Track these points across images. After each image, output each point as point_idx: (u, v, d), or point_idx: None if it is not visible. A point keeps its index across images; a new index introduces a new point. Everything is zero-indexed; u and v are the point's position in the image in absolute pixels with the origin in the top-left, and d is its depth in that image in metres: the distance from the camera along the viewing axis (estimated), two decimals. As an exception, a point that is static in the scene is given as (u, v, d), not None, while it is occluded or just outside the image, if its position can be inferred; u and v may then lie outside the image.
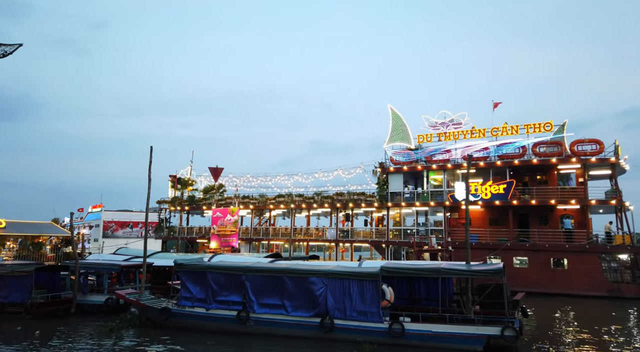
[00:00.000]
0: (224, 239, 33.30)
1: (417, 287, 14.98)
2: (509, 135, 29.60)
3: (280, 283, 13.12)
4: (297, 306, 12.85)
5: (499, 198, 28.48)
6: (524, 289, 18.70)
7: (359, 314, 12.23)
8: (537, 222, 28.68)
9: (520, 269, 26.66)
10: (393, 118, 34.46)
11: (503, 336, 11.20)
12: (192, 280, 14.20)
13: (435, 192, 31.60)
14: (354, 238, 33.96)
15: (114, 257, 21.45)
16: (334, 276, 12.66)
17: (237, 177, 41.59)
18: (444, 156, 31.58)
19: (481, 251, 26.37)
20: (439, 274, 12.54)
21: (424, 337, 11.70)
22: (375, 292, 12.21)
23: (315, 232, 35.97)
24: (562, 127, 29.19)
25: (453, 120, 32.10)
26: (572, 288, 24.93)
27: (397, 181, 32.83)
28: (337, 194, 35.23)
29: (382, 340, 11.82)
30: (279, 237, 36.61)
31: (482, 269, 12.46)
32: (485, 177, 29.98)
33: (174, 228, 42.18)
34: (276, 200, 37.34)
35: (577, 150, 27.47)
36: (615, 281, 24.87)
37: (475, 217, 30.02)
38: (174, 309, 14.04)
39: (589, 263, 25.27)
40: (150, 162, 18.05)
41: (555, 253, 26.28)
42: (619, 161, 26.82)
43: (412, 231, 31.68)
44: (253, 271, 13.62)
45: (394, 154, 33.41)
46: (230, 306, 13.51)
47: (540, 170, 29.30)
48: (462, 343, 11.48)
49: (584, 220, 27.41)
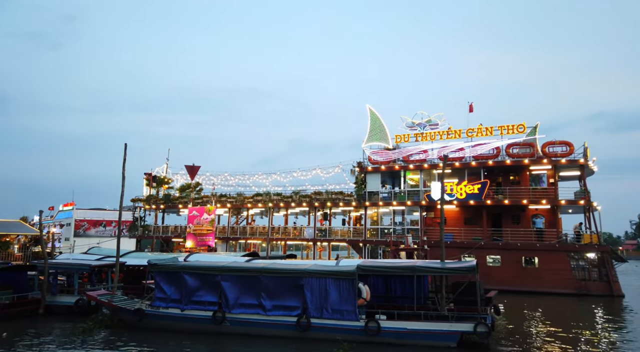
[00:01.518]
0: (200, 238, 32.87)
1: (393, 285, 15.12)
2: (483, 136, 30.23)
3: (256, 283, 13.04)
4: (274, 306, 12.79)
5: (473, 198, 29.06)
6: (496, 287, 19.18)
7: (336, 312, 12.27)
8: (510, 222, 29.39)
9: (493, 268, 27.26)
10: (371, 118, 34.71)
11: (476, 332, 11.44)
12: (167, 280, 13.96)
13: (412, 191, 32.00)
14: (332, 237, 34.07)
15: (86, 257, 20.87)
16: (311, 275, 12.66)
17: (215, 176, 41.12)
18: (421, 156, 32.03)
19: (456, 250, 26.84)
20: (414, 272, 12.69)
21: (399, 334, 11.83)
22: (352, 290, 12.27)
23: (293, 231, 35.90)
24: (534, 129, 30.01)
25: (430, 121, 32.58)
26: (542, 286, 25.65)
27: (375, 181, 33.10)
28: (315, 193, 35.26)
29: (358, 338, 11.89)
30: (257, 236, 36.39)
31: (456, 267, 12.68)
32: (460, 177, 30.55)
33: (149, 227, 41.39)
34: (254, 199, 37.10)
35: (548, 152, 28.28)
36: (583, 279, 25.73)
37: (450, 216, 30.54)
38: (147, 310, 13.76)
39: (559, 262, 26.07)
40: (124, 159, 17.63)
41: (527, 252, 26.99)
42: (588, 163, 27.74)
43: (389, 230, 32.00)
44: (229, 270, 13.48)
45: (372, 153, 33.66)
46: (206, 306, 13.34)
47: (513, 171, 30.03)
48: (436, 340, 11.67)
49: (554, 220, 28.25)
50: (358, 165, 33.89)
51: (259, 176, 39.45)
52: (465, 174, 30.30)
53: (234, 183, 40.58)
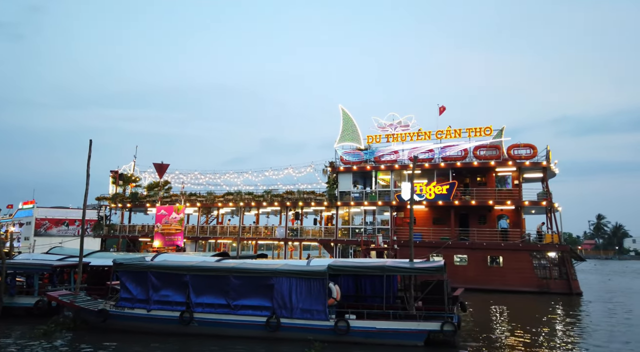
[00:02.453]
0: (168, 238, 32.17)
1: (364, 285, 15.26)
2: (452, 138, 30.95)
3: (225, 282, 12.88)
4: (243, 306, 12.67)
5: (442, 198, 29.70)
6: (463, 285, 19.66)
7: (306, 312, 12.27)
8: (477, 222, 30.22)
9: (460, 267, 27.95)
10: (344, 118, 34.91)
11: (442, 330, 11.68)
12: (133, 280, 13.59)
13: (383, 192, 32.40)
14: (303, 237, 34.06)
15: (47, 257, 20.04)
16: (281, 275, 12.61)
17: (184, 174, 40.37)
18: (392, 157, 32.47)
19: (425, 249, 27.37)
20: (383, 271, 12.84)
21: (368, 333, 11.95)
22: (322, 290, 12.31)
23: (264, 231, 35.68)
24: (500, 132, 30.98)
25: (401, 123, 33.07)
26: (506, 284, 26.50)
27: (347, 181, 33.31)
28: (287, 192, 35.16)
29: (328, 338, 11.93)
30: (227, 235, 35.95)
31: (424, 266, 12.91)
32: (429, 178, 31.16)
33: (115, 226, 40.21)
34: (225, 198, 36.64)
35: (513, 154, 29.23)
36: (544, 277, 26.74)
37: (419, 216, 31.12)
38: (112, 310, 13.36)
39: (522, 261, 26.99)
40: (89, 156, 17.04)
41: (492, 251, 27.82)
42: (550, 165, 28.85)
43: (360, 230, 32.28)
44: (197, 270, 13.26)
45: (344, 153, 33.87)
46: (173, 306, 13.07)
47: (480, 173, 30.89)
48: (404, 338, 11.85)
49: (518, 220, 29.23)
50: (330, 165, 34.03)
51: (230, 174, 39.01)
52: (435, 175, 30.94)
53: (204, 182, 40.01)
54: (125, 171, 41.51)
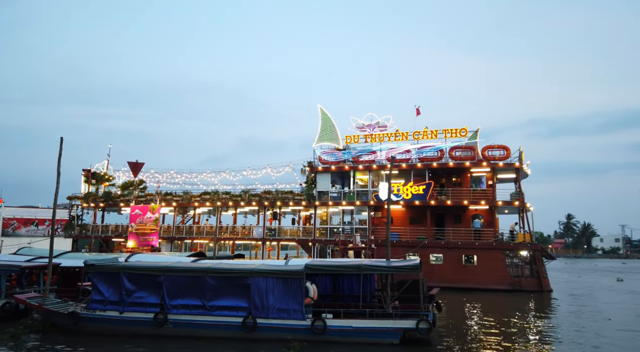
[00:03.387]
0: (143, 238, 31.56)
1: (341, 284, 15.33)
2: (429, 139, 31.42)
3: (201, 283, 12.72)
4: (219, 306, 12.54)
5: (418, 198, 30.11)
6: (439, 284, 19.94)
7: (282, 312, 12.24)
8: (452, 222, 30.77)
9: (435, 266, 28.39)
10: (322, 118, 34.98)
11: (418, 328, 11.84)
12: (105, 281, 13.26)
13: (361, 191, 32.61)
14: (281, 237, 33.95)
15: (14, 258, 19.31)
16: (258, 275, 12.54)
17: (160, 173, 39.65)
18: (370, 157, 32.72)
19: (401, 249, 27.68)
20: (360, 270, 12.91)
21: (344, 332, 12.01)
22: (299, 290, 12.30)
23: (242, 231, 35.40)
24: (475, 133, 31.64)
25: (379, 123, 33.38)
26: (480, 283, 27.07)
27: (325, 180, 33.38)
28: (265, 192, 34.98)
29: (304, 337, 11.93)
30: (204, 236, 35.50)
31: (401, 265, 13.05)
32: (406, 178, 31.55)
33: (87, 226, 39.13)
34: (201, 197, 36.17)
35: (487, 155, 29.89)
36: (517, 276, 27.43)
37: (396, 216, 31.47)
38: (82, 313, 13.01)
39: (495, 259, 27.63)
40: (59, 154, 16.52)
41: (467, 250, 28.37)
42: (523, 166, 29.62)
43: (338, 230, 32.40)
44: (172, 270, 13.04)
45: (323, 153, 33.93)
46: (147, 308, 12.82)
47: (456, 173, 31.46)
48: (380, 337, 11.96)
49: (492, 220, 29.90)
50: (308, 165, 34.04)
51: (207, 174, 38.54)
52: (412, 175, 31.34)
53: (180, 181, 39.38)
54: (98, 170, 40.45)
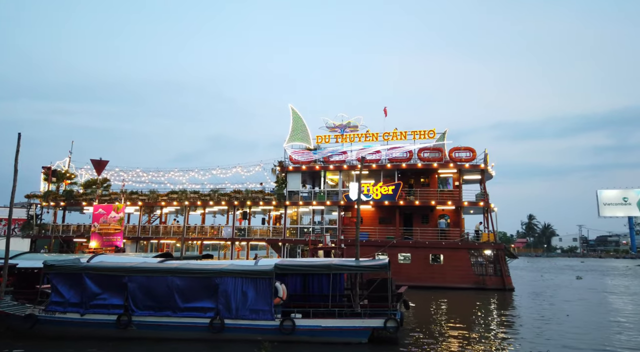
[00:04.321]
0: (106, 238, 30.57)
1: (311, 284, 15.32)
2: (398, 140, 31.93)
3: (167, 284, 12.43)
4: (186, 307, 12.30)
5: (387, 198, 30.53)
6: (406, 283, 20.29)
7: (251, 312, 12.13)
8: (420, 222, 31.37)
9: (404, 265, 28.86)
10: (294, 118, 34.92)
11: (386, 327, 12.00)
12: (65, 283, 12.75)
13: (331, 191, 32.75)
14: (251, 236, 33.66)
15: (-34, 260, 18.29)
16: (226, 275, 12.37)
17: (125, 172, 38.50)
18: (341, 157, 32.93)
19: (371, 248, 27.99)
20: (330, 270, 12.96)
21: (313, 332, 12.02)
22: (268, 290, 12.22)
23: (211, 231, 34.86)
24: (443, 135, 32.40)
25: (350, 124, 33.66)
26: (446, 281, 27.71)
27: (296, 180, 33.34)
28: (235, 191, 34.59)
29: (273, 337, 11.86)
30: (171, 236, 34.74)
31: (369, 264, 13.18)
32: (376, 178, 31.93)
33: (46, 226, 37.54)
34: (169, 196, 35.39)
35: (454, 157, 30.65)
36: (481, 274, 28.25)
37: (366, 216, 31.79)
38: (41, 315, 12.46)
39: (461, 258, 28.36)
40: (17, 151, 15.76)
41: (434, 250, 28.99)
42: (488, 168, 30.55)
43: (309, 229, 32.42)
44: (137, 271, 12.68)
45: (294, 153, 33.87)
46: (110, 310, 12.42)
47: (424, 174, 32.10)
48: (349, 336, 12.05)
49: (458, 220, 30.68)
50: (279, 165, 33.91)
51: (174, 172, 37.74)
52: (381, 176, 31.75)
53: (146, 180, 38.39)
54: (59, 167, 38.87)
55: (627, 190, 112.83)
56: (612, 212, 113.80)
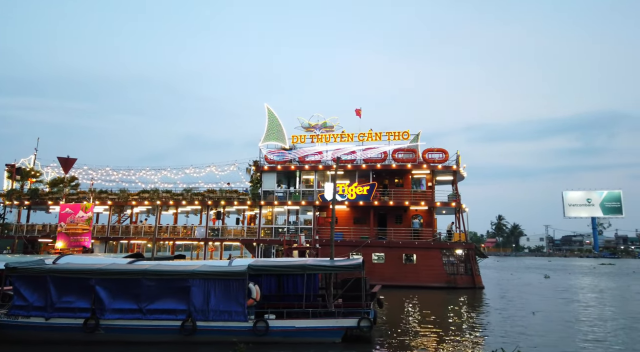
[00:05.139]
0: (73, 239, 29.59)
1: (285, 284, 15.25)
2: (373, 141, 32.19)
3: (137, 286, 12.11)
4: (157, 310, 12.01)
5: (362, 199, 30.75)
6: (380, 282, 20.47)
7: (224, 314, 11.96)
8: (394, 222, 31.74)
9: (377, 264, 29.12)
10: (269, 117, 34.71)
11: (359, 326, 12.06)
12: (29, 286, 12.24)
13: (306, 191, 32.72)
14: (225, 237, 33.25)
15: None
16: (198, 276, 12.16)
17: (94, 170, 37.37)
18: (316, 157, 32.95)
19: (345, 248, 28.12)
20: (304, 270, 12.92)
21: (287, 333, 11.97)
22: (241, 291, 12.08)
23: (183, 231, 34.24)
24: (416, 137, 32.88)
25: (325, 124, 33.71)
26: (419, 280, 28.12)
27: (271, 180, 33.16)
28: (208, 191, 34.10)
29: (246, 339, 11.73)
30: (142, 236, 33.94)
31: (344, 264, 13.22)
32: (351, 179, 32.11)
33: (9, 225, 36.03)
34: (140, 196, 34.56)
35: (427, 158, 31.16)
36: (452, 273, 28.82)
37: (341, 216, 31.92)
38: (2, 319, 11.93)
39: (433, 258, 28.84)
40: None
41: (407, 249, 29.38)
42: (460, 169, 31.20)
43: (283, 230, 32.28)
44: (105, 273, 12.30)
45: (269, 153, 33.68)
46: (76, 313, 11.99)
47: (398, 175, 32.50)
48: (323, 336, 12.05)
49: (430, 220, 31.20)
50: (254, 164, 33.65)
51: (146, 171, 36.90)
52: (356, 176, 31.95)
53: (117, 179, 37.38)
54: (23, 165, 37.38)
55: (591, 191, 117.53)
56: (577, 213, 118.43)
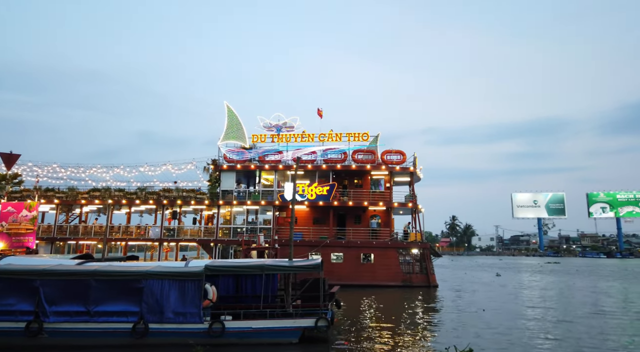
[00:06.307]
0: (16, 239, 27.79)
1: (244, 285, 15.05)
2: (334, 141, 32.43)
3: (85, 287, 11.55)
4: (106, 312, 11.50)
5: (322, 199, 30.90)
6: (339, 282, 20.65)
7: (178, 315, 11.64)
8: (353, 222, 32.11)
9: (336, 264, 29.35)
10: (229, 115, 34.17)
11: (317, 326, 12.10)
12: (-37, 289, 11.39)
13: (266, 191, 32.46)
14: (181, 237, 32.36)
15: None
16: (152, 277, 11.76)
17: (40, 167, 35.31)
18: (277, 157, 32.76)
19: (304, 248, 28.14)
20: (262, 270, 12.81)
21: (243, 334, 11.81)
22: (197, 292, 11.80)
23: (137, 231, 33.01)
24: (376, 138, 33.44)
25: (286, 124, 33.60)
26: (376, 280, 28.60)
27: (230, 179, 32.64)
28: (164, 190, 33.08)
29: (201, 341, 11.47)
30: (92, 236, 32.42)
31: (302, 264, 13.22)
32: (311, 179, 32.18)
33: (-57, 225, 33.31)
34: (90, 194, 33.00)
35: (386, 159, 31.77)
36: (408, 272, 29.52)
37: (301, 216, 31.91)
38: None
39: (390, 257, 29.42)
40: None
41: (365, 249, 29.80)
42: (416, 170, 32.02)
43: (242, 230, 31.85)
44: (51, 274, 11.65)
45: (228, 151, 33.14)
46: (18, 316, 11.28)
47: (357, 175, 32.92)
48: (280, 337, 11.99)
49: (388, 220, 31.81)
50: (213, 163, 32.99)
51: (97, 169, 35.26)
52: (316, 176, 32.05)
53: (65, 176, 35.46)
54: (-40, 160, 34.71)
55: (537, 193, 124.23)
56: (524, 214, 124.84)
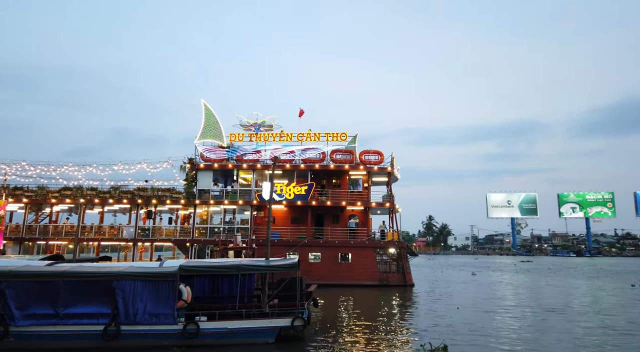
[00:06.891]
0: (-19, 239, 26.74)
1: (220, 285, 14.86)
2: (312, 141, 32.42)
3: (54, 289, 11.18)
4: (76, 314, 11.16)
5: (300, 198, 30.84)
6: (317, 282, 20.65)
7: (152, 317, 11.39)
8: (331, 221, 32.17)
9: (314, 264, 29.35)
10: (206, 114, 33.74)
11: (293, 326, 12.06)
12: None
13: (244, 191, 32.19)
14: (156, 237, 31.76)
15: None
16: (124, 278, 11.48)
17: (7, 165, 34.04)
18: (255, 156, 32.53)
19: (282, 248, 28.03)
20: (238, 270, 12.67)
21: (219, 334, 11.66)
22: (171, 292, 11.58)
23: (110, 231, 32.22)
24: (354, 138, 33.60)
25: (264, 123, 33.40)
26: (354, 279, 28.73)
27: (207, 178, 32.23)
28: (138, 189, 32.39)
29: (176, 342, 11.28)
30: (62, 236, 31.46)
31: (279, 264, 13.14)
32: (290, 178, 32.09)
33: None
34: (61, 193, 32.04)
35: (364, 159, 31.96)
36: (385, 272, 29.77)
37: (279, 216, 31.77)
38: None
39: (367, 257, 29.61)
40: None
41: (343, 249, 29.91)
42: (394, 171, 32.33)
43: (219, 229, 31.49)
44: (17, 275, 11.22)
45: (205, 150, 32.71)
46: (-19, 320, 10.84)
47: (336, 175, 33.00)
48: (256, 337, 11.90)
49: (365, 219, 32.01)
50: (189, 162, 32.50)
51: (69, 167, 34.24)
52: (295, 176, 31.98)
53: (34, 174, 34.29)
54: None
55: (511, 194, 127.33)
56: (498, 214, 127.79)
